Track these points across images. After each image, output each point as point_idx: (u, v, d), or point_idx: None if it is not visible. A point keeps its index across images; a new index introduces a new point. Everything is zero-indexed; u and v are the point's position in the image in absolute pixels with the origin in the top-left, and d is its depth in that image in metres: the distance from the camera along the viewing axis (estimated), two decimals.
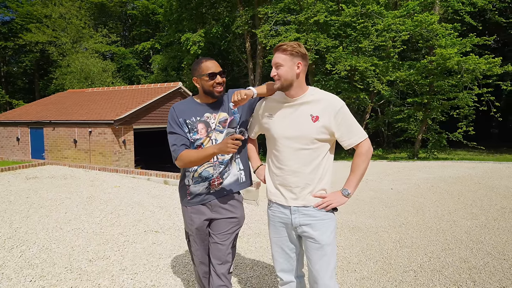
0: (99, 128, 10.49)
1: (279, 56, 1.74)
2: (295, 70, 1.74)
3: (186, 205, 2.00)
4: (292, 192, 1.80)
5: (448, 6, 14.42)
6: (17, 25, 23.39)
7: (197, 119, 1.91)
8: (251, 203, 5.64)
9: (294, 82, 1.75)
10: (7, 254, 3.26)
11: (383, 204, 5.75)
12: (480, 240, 3.85)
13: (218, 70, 1.90)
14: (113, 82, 22.05)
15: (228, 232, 1.98)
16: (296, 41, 1.88)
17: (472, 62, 11.66)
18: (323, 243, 1.76)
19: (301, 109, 1.77)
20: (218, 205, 1.97)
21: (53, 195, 5.65)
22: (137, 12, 27.89)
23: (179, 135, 1.88)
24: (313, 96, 1.78)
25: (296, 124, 1.76)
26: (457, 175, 8.33)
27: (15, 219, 4.34)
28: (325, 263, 1.77)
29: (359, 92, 15.24)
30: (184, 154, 1.84)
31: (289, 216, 1.82)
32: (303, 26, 14.77)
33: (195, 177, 1.95)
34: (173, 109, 1.93)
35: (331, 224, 1.80)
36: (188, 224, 2.00)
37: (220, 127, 1.95)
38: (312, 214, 1.78)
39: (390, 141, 22.39)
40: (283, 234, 1.88)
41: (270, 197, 1.91)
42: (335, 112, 1.73)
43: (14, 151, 12.76)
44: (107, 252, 3.37)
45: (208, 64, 1.90)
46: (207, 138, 1.92)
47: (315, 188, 1.78)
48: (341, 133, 1.76)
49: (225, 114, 1.96)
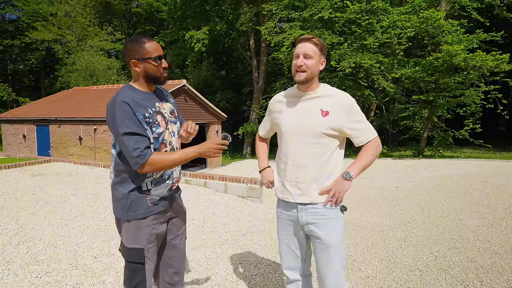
0: (104, 126, 10.54)
1: (310, 47, 1.70)
2: (319, 66, 1.74)
3: (145, 215, 1.62)
4: (299, 188, 1.76)
5: (455, 2, 14.25)
6: (23, 24, 23.53)
7: (154, 110, 1.62)
8: (255, 200, 5.64)
9: (315, 77, 1.75)
10: (13, 250, 3.29)
11: (388, 202, 5.71)
12: (487, 239, 3.80)
13: (163, 53, 1.64)
14: (118, 80, 22.11)
15: (183, 230, 1.86)
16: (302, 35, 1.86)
17: (479, 58, 11.53)
18: (329, 243, 1.72)
19: (311, 103, 1.76)
20: (177, 205, 1.83)
21: (59, 192, 5.69)
22: (142, 10, 27.89)
23: (141, 135, 1.52)
24: (325, 92, 1.77)
25: (304, 118, 1.74)
26: (463, 173, 8.25)
27: (22, 216, 4.37)
28: (332, 264, 1.74)
29: (363, 89, 15.14)
30: (155, 159, 1.52)
31: (296, 214, 1.80)
32: (308, 23, 14.68)
33: (156, 178, 1.65)
34: (124, 102, 1.51)
35: (339, 224, 1.76)
36: (145, 237, 1.63)
37: (173, 118, 1.76)
38: (319, 212, 1.75)
39: (395, 139, 22.27)
40: (290, 232, 1.86)
41: (278, 194, 1.90)
42: (346, 109, 1.71)
43: (20, 148, 12.87)
44: (112, 249, 3.38)
45: (153, 45, 1.61)
46: (167, 131, 1.68)
47: (323, 185, 1.74)
48: (352, 130, 1.73)
49: (169, 105, 1.78)
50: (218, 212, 4.91)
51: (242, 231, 4.10)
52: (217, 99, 22.36)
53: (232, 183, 5.97)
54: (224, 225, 4.31)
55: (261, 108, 18.44)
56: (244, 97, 23.87)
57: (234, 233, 4.01)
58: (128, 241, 1.64)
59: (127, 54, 1.63)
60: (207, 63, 24.26)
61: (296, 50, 1.74)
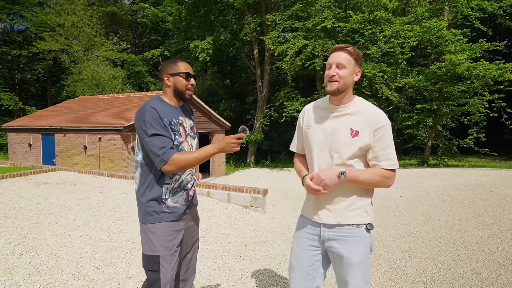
0: (109, 135, 10.62)
1: (344, 56, 1.60)
2: (353, 77, 1.64)
3: (160, 220, 1.74)
4: (326, 208, 1.67)
5: (457, 12, 14.32)
6: (31, 34, 23.99)
7: (177, 122, 1.79)
8: (258, 210, 5.62)
9: (348, 89, 1.64)
10: (16, 260, 3.31)
11: (391, 212, 5.67)
12: (493, 251, 3.75)
13: (193, 73, 1.86)
14: (123, 89, 22.36)
15: (196, 239, 2.00)
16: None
17: (483, 68, 11.54)
18: (352, 262, 1.61)
19: (341, 120, 1.64)
20: (191, 216, 1.95)
21: (63, 201, 5.72)
22: (147, 20, 28.38)
23: (166, 137, 1.67)
24: (357, 107, 1.64)
25: (333, 137, 1.64)
26: (468, 182, 8.18)
27: (25, 225, 4.40)
28: (352, 281, 1.62)
29: (367, 98, 15.15)
30: (177, 157, 1.63)
31: (319, 229, 1.70)
32: (311, 32, 14.81)
33: (174, 188, 1.79)
34: (153, 108, 1.68)
35: (363, 243, 1.63)
36: (161, 243, 1.73)
37: (192, 133, 1.91)
38: (343, 230, 1.64)
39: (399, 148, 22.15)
40: (306, 247, 1.73)
41: (302, 211, 1.84)
42: (375, 128, 1.59)
43: (26, 157, 12.99)
44: (114, 260, 3.38)
45: (185, 65, 1.83)
46: (186, 143, 1.83)
47: (352, 205, 1.64)
48: (373, 152, 1.61)
49: (191, 121, 1.95)
50: (220, 222, 4.90)
51: (244, 242, 4.08)
52: (221, 108, 22.50)
53: (235, 193, 5.97)
54: (226, 236, 4.30)
55: (265, 117, 18.50)
56: (248, 106, 24.00)
57: (236, 244, 4.00)
58: (145, 248, 1.77)
59: (162, 71, 1.84)
60: (211, 72, 24.49)
61: (329, 60, 1.65)
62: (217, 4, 20.21)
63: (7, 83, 25.81)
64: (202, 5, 19.59)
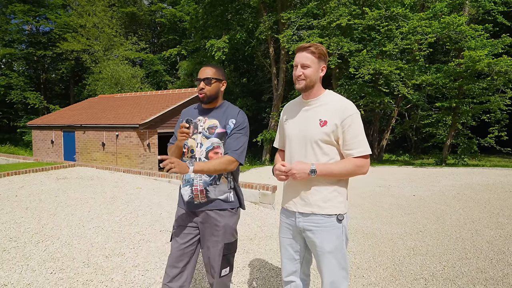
0: (126, 132, 10.94)
1: (307, 56, 1.74)
2: (319, 73, 1.78)
3: (177, 203, 2.12)
4: (301, 198, 1.79)
5: (479, 7, 13.85)
6: (55, 35, 24.92)
7: (191, 120, 2.00)
8: (267, 206, 5.68)
9: (315, 84, 1.78)
10: (33, 248, 3.51)
11: (402, 210, 5.60)
12: (503, 251, 3.67)
13: (203, 77, 1.98)
14: (141, 88, 22.88)
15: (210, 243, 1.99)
16: (320, 43, 1.91)
17: (504, 63, 11.11)
18: (324, 250, 1.74)
19: (312, 112, 1.79)
20: (206, 217, 1.98)
21: (79, 194, 5.97)
22: (165, 20, 28.86)
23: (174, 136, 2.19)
24: (326, 100, 1.78)
25: (304, 127, 1.78)
26: (486, 182, 7.94)
27: (43, 216, 4.63)
28: (330, 270, 1.74)
29: (383, 96, 14.91)
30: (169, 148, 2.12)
31: (294, 220, 1.84)
32: (326, 30, 14.70)
33: (184, 179, 2.05)
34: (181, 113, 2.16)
35: (335, 232, 1.74)
36: (175, 220, 2.07)
37: (207, 133, 1.98)
38: (314, 220, 1.76)
39: (418, 147, 21.65)
40: (289, 236, 1.89)
41: (282, 203, 1.97)
42: (343, 118, 1.69)
43: (48, 153, 13.55)
44: (123, 249, 3.53)
45: (202, 70, 2.01)
46: (192, 139, 2.01)
47: (326, 196, 1.74)
48: (344, 141, 1.71)
49: (215, 121, 1.99)
50: None
51: (250, 236, 4.16)
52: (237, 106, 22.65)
53: (244, 189, 6.04)
54: None
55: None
56: (263, 104, 24.04)
57: (241, 238, 4.08)
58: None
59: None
60: (228, 70, 24.67)
61: (294, 60, 1.80)
62: (234, 3, 20.33)
63: (33, 83, 26.92)
64: (219, 4, 19.76)
